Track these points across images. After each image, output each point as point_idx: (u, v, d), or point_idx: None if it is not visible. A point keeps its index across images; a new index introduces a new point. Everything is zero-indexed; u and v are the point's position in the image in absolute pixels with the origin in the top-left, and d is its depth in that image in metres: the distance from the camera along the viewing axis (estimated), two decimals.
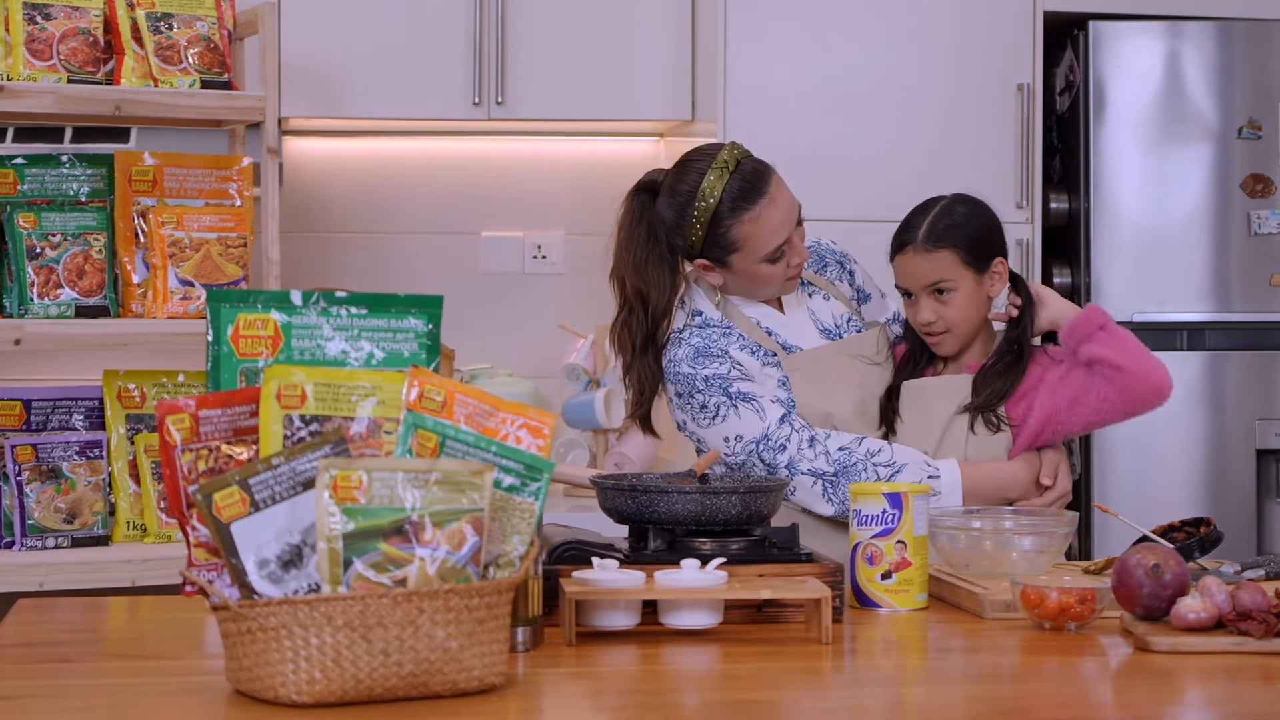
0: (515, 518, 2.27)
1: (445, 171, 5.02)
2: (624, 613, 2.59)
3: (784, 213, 3.32)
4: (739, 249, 3.32)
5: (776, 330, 3.41)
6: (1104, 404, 3.31)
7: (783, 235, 3.31)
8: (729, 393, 3.31)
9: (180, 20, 3.93)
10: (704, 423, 3.34)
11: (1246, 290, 4.61)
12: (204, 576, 2.22)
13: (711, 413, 3.32)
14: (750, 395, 3.31)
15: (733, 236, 3.30)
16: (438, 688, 2.18)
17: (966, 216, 3.41)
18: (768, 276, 3.35)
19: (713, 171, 3.30)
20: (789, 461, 3.26)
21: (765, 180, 3.31)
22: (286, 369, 2.25)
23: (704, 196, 3.29)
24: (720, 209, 3.29)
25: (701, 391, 3.33)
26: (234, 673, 2.19)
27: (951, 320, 3.38)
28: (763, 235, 3.30)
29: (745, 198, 3.29)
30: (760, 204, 3.30)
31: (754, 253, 3.31)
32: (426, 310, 2.40)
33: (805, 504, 3.28)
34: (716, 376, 3.32)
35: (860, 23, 4.55)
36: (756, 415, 3.29)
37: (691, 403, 3.34)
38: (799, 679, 2.43)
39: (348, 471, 2.14)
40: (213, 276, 3.85)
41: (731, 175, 3.29)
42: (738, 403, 3.30)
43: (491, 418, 2.33)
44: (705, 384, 3.33)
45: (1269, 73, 4.62)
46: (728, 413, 3.31)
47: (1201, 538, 3.01)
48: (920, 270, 3.38)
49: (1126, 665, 2.49)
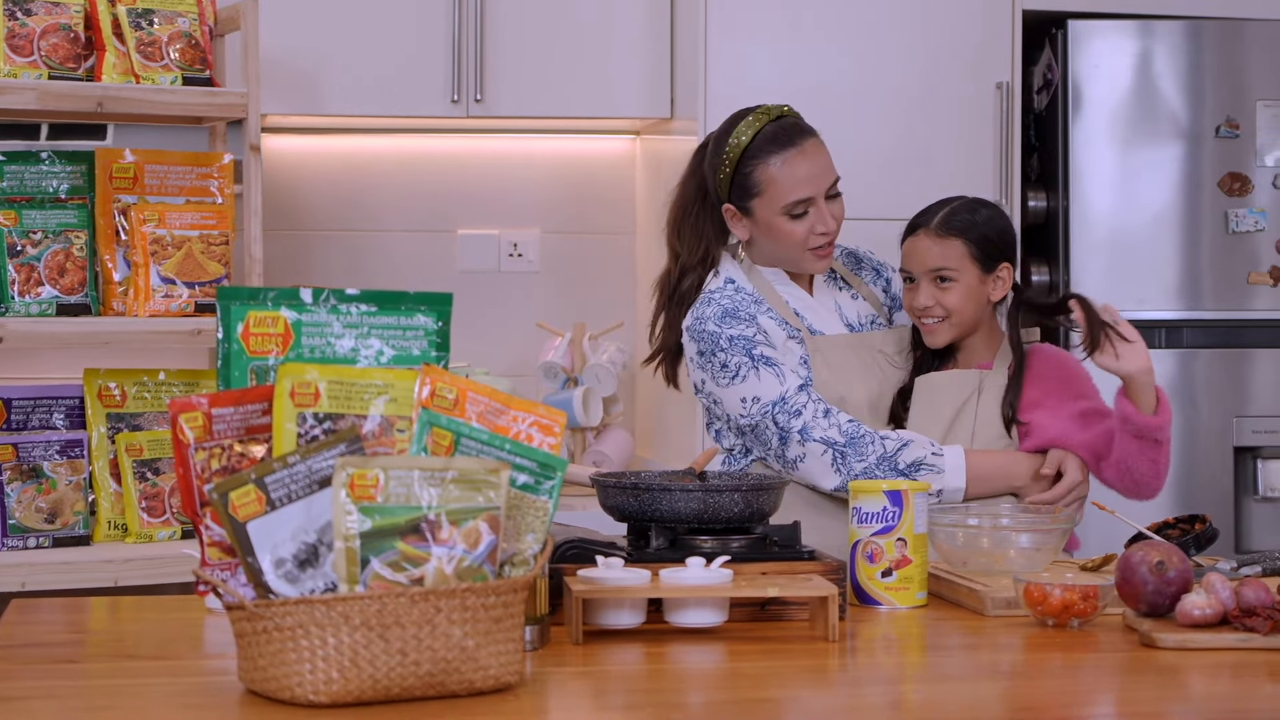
0: (530, 516, 2.27)
1: (421, 169, 5.01)
2: (629, 611, 2.59)
3: (812, 169, 3.37)
4: (760, 193, 3.36)
5: (803, 312, 3.43)
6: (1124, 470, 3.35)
7: (806, 190, 3.35)
8: (751, 354, 3.33)
9: (161, 16, 3.90)
10: (723, 382, 3.35)
11: (1223, 288, 4.63)
12: (218, 576, 2.20)
13: (732, 372, 3.34)
14: (772, 360, 3.33)
15: (755, 179, 3.36)
16: (454, 687, 2.17)
17: (987, 217, 3.44)
18: (788, 234, 3.37)
19: (752, 115, 3.40)
20: (802, 426, 3.27)
21: (800, 134, 3.39)
22: (300, 367, 2.24)
23: (737, 135, 3.38)
24: (749, 149, 3.36)
25: (725, 350, 3.34)
26: (248, 673, 2.17)
27: (948, 307, 3.39)
28: (784, 183, 3.35)
29: (774, 141, 3.37)
30: (788, 151, 3.36)
31: (774, 200, 3.35)
32: (436, 308, 2.39)
33: (810, 477, 3.28)
34: (741, 338, 3.34)
35: (839, 21, 4.55)
36: (776, 379, 3.31)
37: (713, 361, 3.36)
38: (804, 677, 2.43)
39: (364, 470, 2.12)
40: (195, 274, 3.82)
41: (769, 122, 3.39)
42: (759, 364, 3.32)
43: (503, 415, 2.32)
44: (730, 343, 3.34)
45: (1245, 72, 4.64)
46: (748, 374, 3.32)
47: (1197, 535, 3.02)
48: (928, 254, 3.41)
49: (1132, 662, 2.50)
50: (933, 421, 3.38)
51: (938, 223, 3.42)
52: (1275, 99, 4.63)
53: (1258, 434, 4.59)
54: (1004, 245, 3.45)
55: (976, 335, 3.45)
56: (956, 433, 3.38)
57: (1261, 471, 4.62)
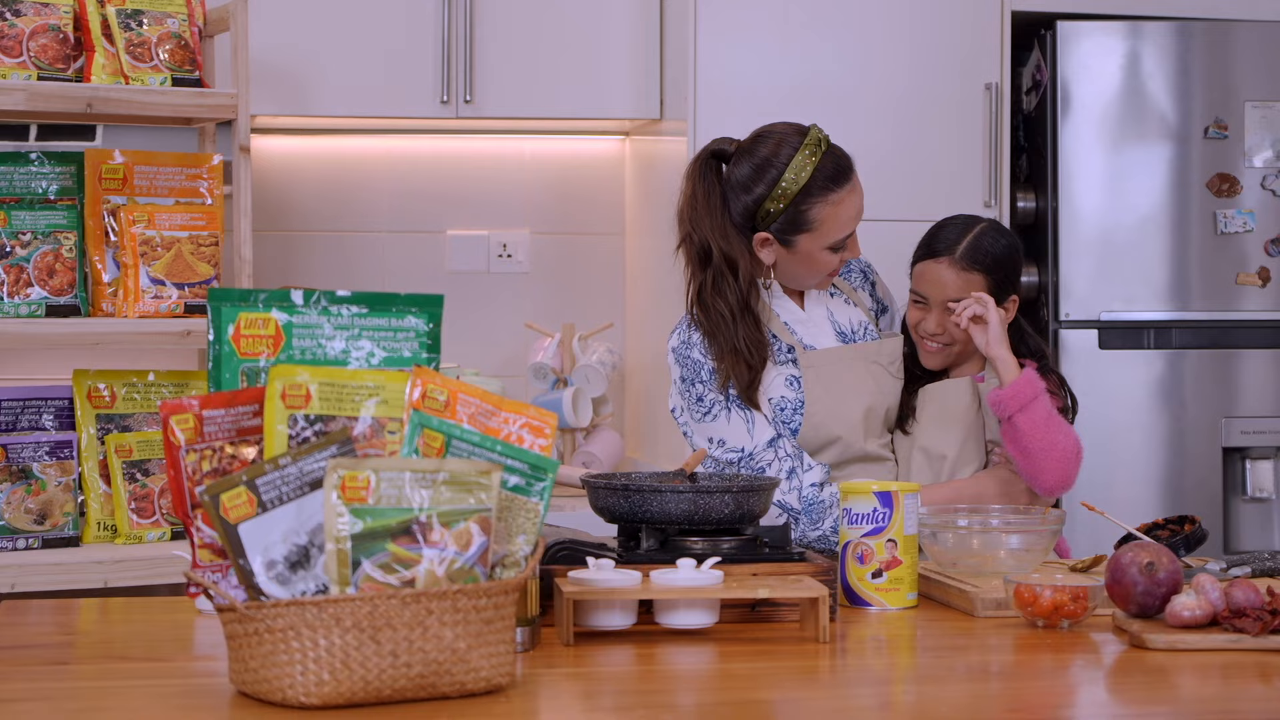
0: (521, 517, 2.27)
1: (410, 170, 5.00)
2: (620, 612, 2.59)
3: (860, 204, 3.38)
4: (812, 229, 3.34)
5: (795, 327, 3.42)
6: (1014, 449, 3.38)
7: (854, 226, 3.37)
8: (729, 392, 3.31)
9: (151, 17, 3.90)
10: (697, 416, 3.35)
11: (1211, 289, 4.64)
12: (209, 578, 2.20)
13: (705, 408, 3.33)
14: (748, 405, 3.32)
15: (812, 216, 3.33)
16: (445, 689, 2.17)
17: (1006, 249, 3.49)
18: (824, 264, 3.37)
19: (806, 149, 3.32)
20: None
21: (851, 168, 3.37)
22: (291, 368, 2.24)
23: (795, 170, 3.31)
24: (810, 185, 3.31)
25: (704, 383, 3.33)
26: (239, 675, 2.17)
27: (956, 337, 3.42)
28: (839, 220, 3.34)
29: (834, 180, 3.34)
30: (845, 189, 3.35)
31: (825, 237, 3.34)
32: (427, 310, 2.39)
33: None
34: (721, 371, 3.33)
35: (829, 21, 4.55)
36: (746, 428, 3.31)
37: (691, 392, 3.35)
38: (795, 678, 2.43)
39: (355, 472, 2.12)
40: (184, 275, 3.82)
41: (824, 155, 3.33)
42: (733, 407, 3.31)
43: (494, 417, 2.32)
44: (710, 376, 3.33)
45: (1234, 73, 4.65)
46: (720, 414, 3.32)
47: (1187, 535, 3.02)
48: (949, 285, 3.45)
49: (1122, 663, 2.50)
50: (948, 430, 3.39)
51: (963, 253, 3.45)
52: (1264, 100, 4.64)
53: (1246, 434, 4.60)
54: (1017, 278, 3.51)
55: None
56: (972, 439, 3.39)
57: (1250, 472, 4.63)
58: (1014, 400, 3.29)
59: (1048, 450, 3.30)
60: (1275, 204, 4.64)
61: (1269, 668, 2.44)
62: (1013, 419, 3.29)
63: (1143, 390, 4.63)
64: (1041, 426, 3.29)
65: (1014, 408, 3.29)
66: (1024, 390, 3.29)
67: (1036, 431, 3.29)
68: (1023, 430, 3.29)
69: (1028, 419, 3.28)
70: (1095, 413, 4.58)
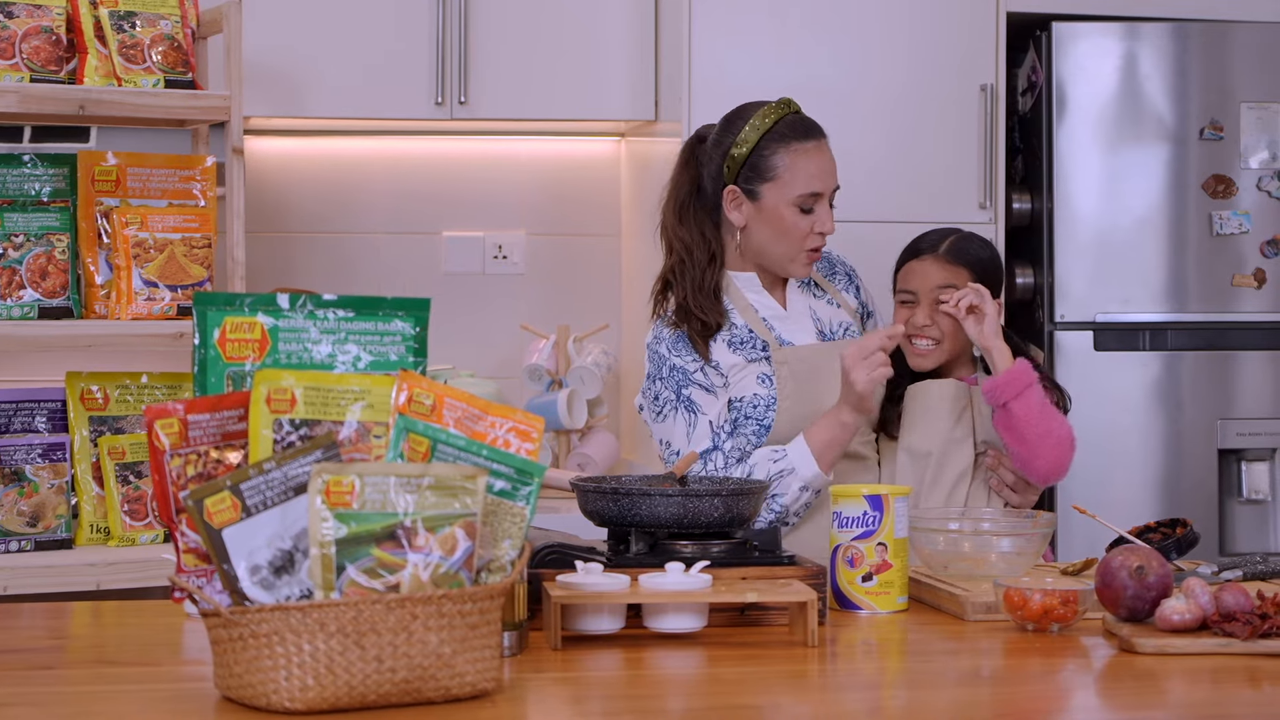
0: (507, 522, 2.26)
1: (406, 171, 5.00)
2: (609, 616, 2.59)
3: (826, 166, 3.41)
4: (774, 178, 3.37)
5: (774, 323, 3.42)
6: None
7: (819, 184, 3.38)
8: (680, 393, 3.34)
9: (144, 19, 3.90)
10: (652, 414, 3.39)
11: (1207, 290, 4.63)
12: (193, 582, 2.19)
13: (659, 408, 3.37)
14: (695, 407, 3.33)
15: (774, 162, 3.37)
16: (431, 694, 2.16)
17: (989, 253, 3.55)
18: (791, 226, 3.37)
19: (768, 105, 3.43)
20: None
21: (819, 131, 3.43)
22: (276, 373, 2.23)
23: (759, 118, 3.40)
24: (773, 131, 3.38)
25: (663, 380, 3.36)
26: (224, 680, 2.16)
27: (944, 330, 3.42)
28: (802, 171, 3.37)
29: (796, 131, 3.40)
30: (808, 143, 3.40)
31: (787, 187, 3.37)
32: (414, 313, 2.38)
33: None
34: (680, 370, 3.34)
35: (823, 23, 4.54)
36: (686, 431, 3.33)
37: (652, 388, 3.39)
38: (784, 683, 2.42)
39: (340, 476, 2.12)
40: (177, 277, 3.82)
41: (791, 113, 3.42)
42: (680, 408, 3.33)
43: (480, 421, 2.32)
44: (669, 374, 3.35)
45: (1229, 74, 4.64)
46: (669, 414, 3.35)
47: (1178, 539, 3.02)
48: (934, 275, 3.47)
49: (1111, 667, 2.50)
50: (931, 427, 3.38)
51: (946, 249, 3.50)
52: (1260, 101, 4.63)
53: (1242, 436, 4.59)
54: (999, 280, 3.54)
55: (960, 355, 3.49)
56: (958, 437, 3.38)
57: (1246, 474, 4.62)
58: (1009, 387, 3.27)
59: (1043, 437, 3.30)
60: (1271, 205, 4.63)
61: (1259, 672, 2.43)
62: (1008, 405, 3.28)
63: (1138, 392, 4.62)
64: (1036, 412, 3.28)
65: (1009, 394, 3.27)
66: (1019, 377, 3.29)
67: (1031, 417, 3.28)
68: (1017, 416, 3.28)
69: (1022, 405, 3.27)
70: (1090, 414, 4.57)
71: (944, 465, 3.39)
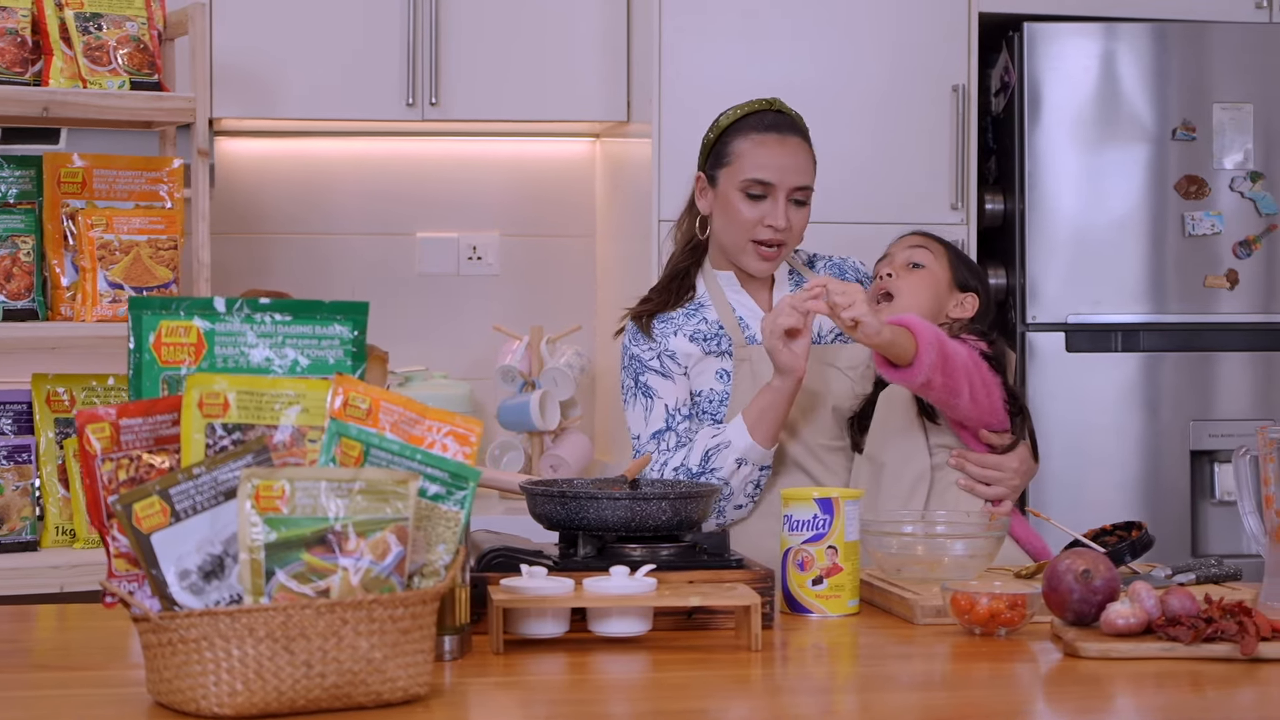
0: (440, 526, 2.25)
1: (380, 172, 5.00)
2: (552, 620, 2.58)
3: (783, 158, 3.40)
4: (728, 163, 3.41)
5: (750, 322, 3.42)
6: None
7: (768, 174, 3.38)
8: (637, 379, 3.39)
9: (109, 20, 3.89)
10: (623, 405, 3.46)
11: (1181, 292, 4.62)
12: (125, 587, 2.19)
13: (624, 396, 3.45)
14: (651, 391, 3.36)
15: (732, 149, 3.41)
16: (361, 699, 2.16)
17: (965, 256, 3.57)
18: (736, 213, 3.38)
19: (755, 100, 3.47)
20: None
21: (788, 127, 3.44)
22: (209, 377, 2.23)
23: (737, 108, 3.45)
24: (741, 121, 3.42)
25: (625, 369, 3.44)
26: (155, 684, 2.16)
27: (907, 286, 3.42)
28: (750, 158, 3.39)
29: (761, 124, 3.42)
30: (767, 134, 3.41)
31: (736, 173, 3.39)
32: (352, 317, 2.38)
33: None
34: (636, 358, 3.39)
35: (795, 24, 4.54)
36: (644, 415, 3.38)
37: (621, 379, 3.46)
38: (729, 687, 2.42)
39: (270, 481, 2.11)
40: (143, 279, 3.81)
41: (768, 108, 3.45)
42: (638, 394, 3.38)
43: (418, 425, 2.31)
44: (629, 362, 3.42)
45: (1202, 74, 4.63)
46: (630, 400, 3.43)
47: (1133, 542, 3.01)
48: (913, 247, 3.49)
49: (1056, 672, 2.49)
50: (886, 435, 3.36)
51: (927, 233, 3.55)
52: (1232, 101, 4.63)
53: (1215, 438, 4.59)
54: (978, 280, 3.51)
55: None
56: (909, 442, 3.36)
57: (1218, 475, 4.62)
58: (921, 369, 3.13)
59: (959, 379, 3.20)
60: (1244, 206, 4.62)
61: (1202, 676, 2.43)
62: (929, 381, 3.16)
63: (1111, 393, 4.61)
64: (959, 365, 3.19)
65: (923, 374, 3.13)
66: (922, 353, 3.12)
67: (956, 370, 3.19)
68: (938, 386, 3.19)
69: (942, 373, 3.16)
70: (1062, 416, 4.58)
71: (900, 470, 3.36)
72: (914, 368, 3.10)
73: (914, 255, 3.47)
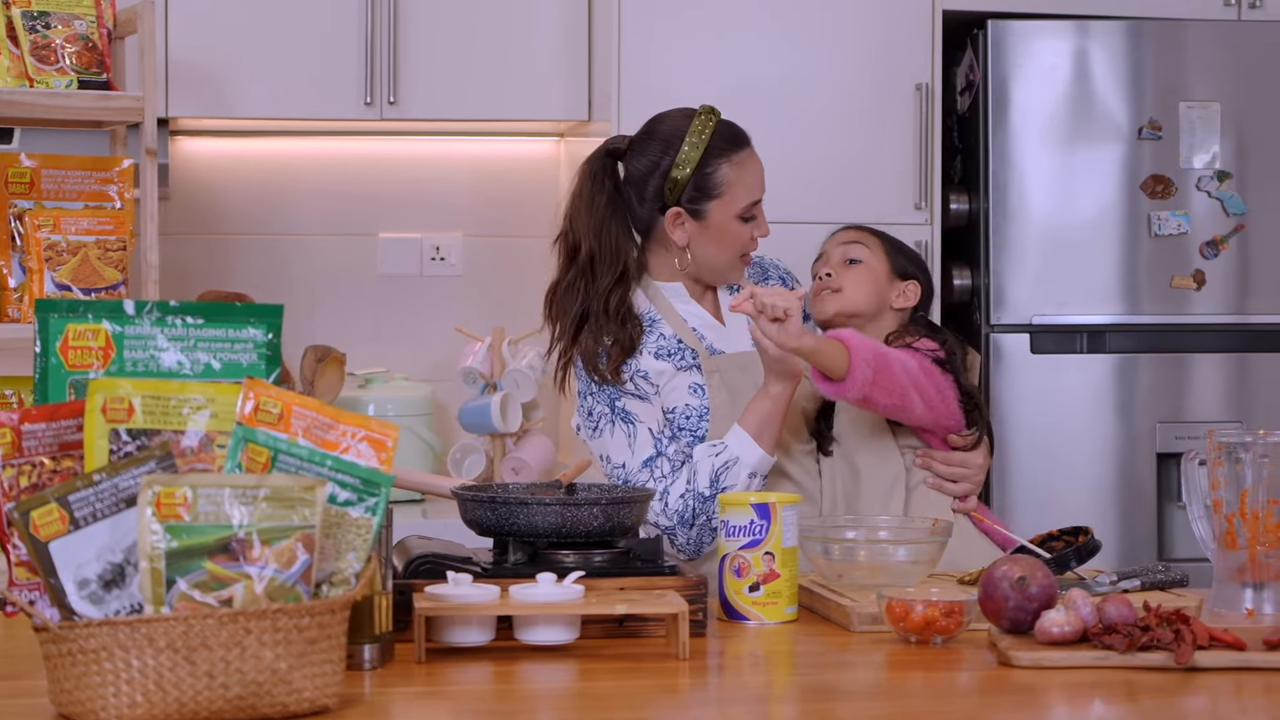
0: (351, 534, 2.21)
1: (340, 172, 4.95)
2: (477, 629, 2.53)
3: (759, 172, 3.36)
4: (721, 194, 3.30)
5: (704, 331, 3.35)
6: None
7: (759, 192, 3.34)
8: (614, 405, 3.27)
9: (58, 19, 3.85)
10: (588, 431, 3.31)
11: (1149, 293, 4.57)
12: (25, 596, 2.15)
13: (594, 424, 3.29)
14: (631, 416, 3.26)
15: (719, 179, 3.30)
16: (266, 710, 2.11)
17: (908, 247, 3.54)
18: (735, 237, 3.32)
19: (699, 118, 3.33)
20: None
21: (746, 136, 3.36)
22: (113, 381, 2.18)
23: (694, 134, 3.30)
24: (711, 147, 3.29)
25: (594, 395, 3.29)
26: (56, 695, 2.12)
27: (847, 282, 3.39)
28: (747, 183, 3.32)
29: (734, 142, 3.33)
30: (745, 151, 3.34)
31: (734, 201, 3.31)
32: (266, 320, 2.33)
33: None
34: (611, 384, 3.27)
35: (756, 23, 4.50)
36: (627, 443, 3.25)
37: (584, 405, 3.31)
38: (658, 697, 2.38)
39: (172, 488, 2.07)
40: (90, 280, 3.77)
41: (719, 122, 3.33)
42: (616, 420, 3.26)
43: (332, 430, 2.27)
44: (599, 389, 3.28)
45: (1170, 73, 4.58)
46: (605, 428, 3.27)
47: (1078, 547, 2.96)
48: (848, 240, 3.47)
49: (988, 681, 2.44)
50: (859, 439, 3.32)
51: (858, 226, 3.53)
52: (1200, 101, 4.58)
53: (1182, 440, 4.53)
54: (916, 267, 3.49)
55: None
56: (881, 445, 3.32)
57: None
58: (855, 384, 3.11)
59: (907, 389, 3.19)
60: (1211, 206, 4.58)
61: (1136, 686, 2.38)
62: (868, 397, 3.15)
63: (1077, 395, 4.57)
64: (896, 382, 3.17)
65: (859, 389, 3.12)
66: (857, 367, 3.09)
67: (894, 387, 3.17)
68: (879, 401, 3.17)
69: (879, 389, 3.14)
70: (1028, 417, 4.53)
71: (876, 472, 3.32)
72: (846, 382, 3.09)
73: (850, 251, 3.44)
